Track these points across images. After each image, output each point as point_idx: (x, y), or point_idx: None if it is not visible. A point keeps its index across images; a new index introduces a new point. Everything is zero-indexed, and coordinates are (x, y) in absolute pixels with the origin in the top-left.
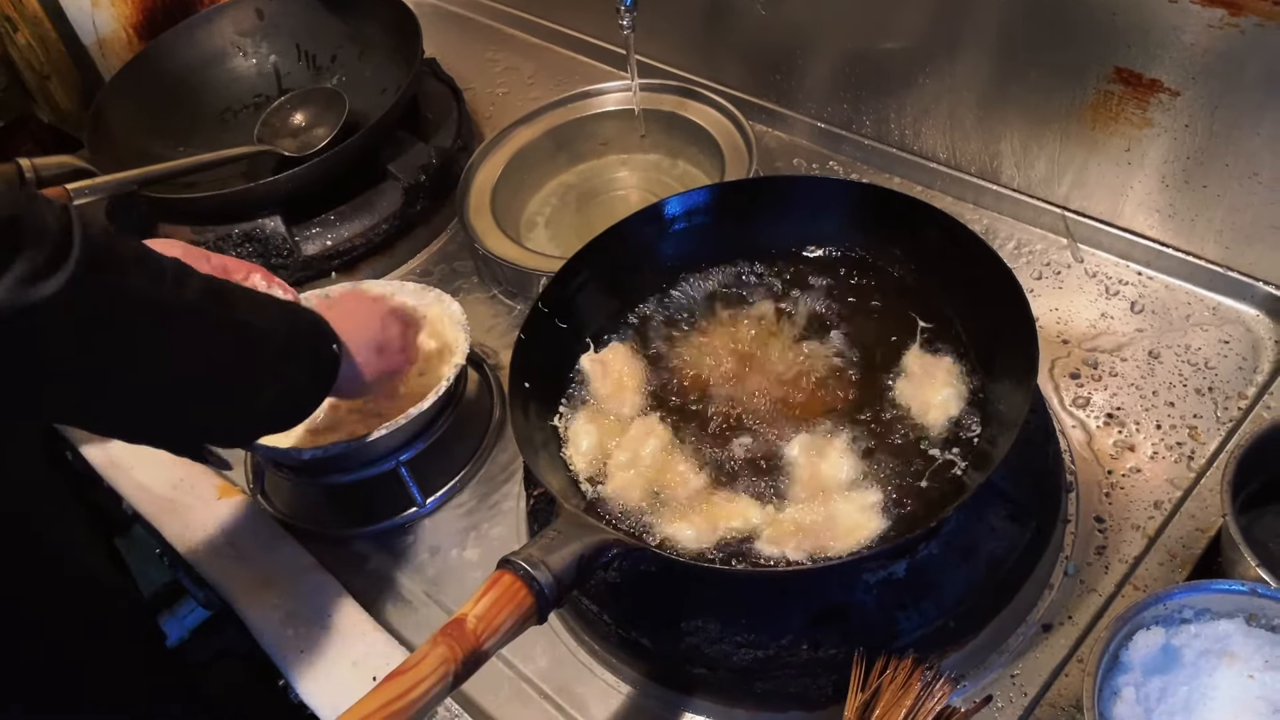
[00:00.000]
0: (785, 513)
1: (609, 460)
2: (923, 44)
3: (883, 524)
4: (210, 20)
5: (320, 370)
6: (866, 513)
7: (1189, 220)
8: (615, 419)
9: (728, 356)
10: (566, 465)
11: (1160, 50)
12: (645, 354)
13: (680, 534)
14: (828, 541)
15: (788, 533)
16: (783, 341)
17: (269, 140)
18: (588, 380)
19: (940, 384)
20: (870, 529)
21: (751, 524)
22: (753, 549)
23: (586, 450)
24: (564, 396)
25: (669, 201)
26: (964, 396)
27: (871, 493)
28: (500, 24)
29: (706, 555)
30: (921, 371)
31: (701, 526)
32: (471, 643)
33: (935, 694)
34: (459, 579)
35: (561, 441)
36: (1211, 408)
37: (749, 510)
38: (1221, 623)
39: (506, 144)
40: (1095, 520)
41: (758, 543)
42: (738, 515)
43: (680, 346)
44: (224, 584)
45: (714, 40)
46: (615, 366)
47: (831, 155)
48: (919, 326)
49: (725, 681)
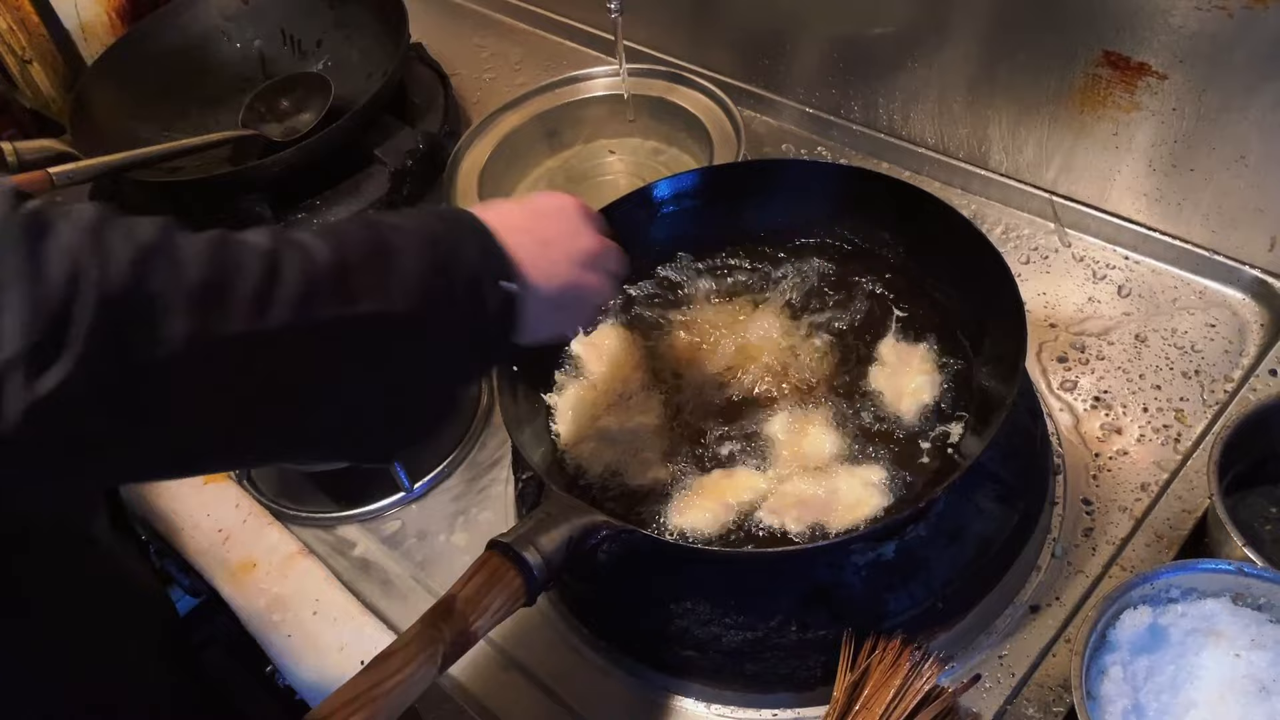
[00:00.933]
0: (788, 484)
1: (598, 438)
2: (911, 28)
3: (884, 500)
4: (194, 4)
5: (495, 320)
6: (869, 489)
7: (1176, 204)
8: (605, 397)
9: (715, 339)
10: (555, 447)
11: (1148, 33)
12: (632, 335)
13: (696, 518)
14: (828, 516)
15: (788, 504)
16: (770, 324)
17: (254, 125)
18: (580, 362)
19: (915, 370)
20: (872, 505)
21: (760, 489)
22: (752, 517)
23: (574, 429)
24: (553, 379)
25: (658, 185)
26: (940, 383)
27: (874, 470)
28: (487, 9)
29: (727, 534)
30: (897, 359)
31: (714, 508)
32: (460, 624)
33: (924, 674)
34: (447, 563)
35: (551, 424)
36: (1198, 390)
37: (754, 481)
38: (1208, 602)
39: (494, 129)
40: (1083, 502)
41: (758, 512)
42: (745, 488)
43: (668, 329)
44: (210, 570)
45: (702, 25)
46: (608, 347)
47: (820, 140)
48: (895, 315)
49: (715, 663)
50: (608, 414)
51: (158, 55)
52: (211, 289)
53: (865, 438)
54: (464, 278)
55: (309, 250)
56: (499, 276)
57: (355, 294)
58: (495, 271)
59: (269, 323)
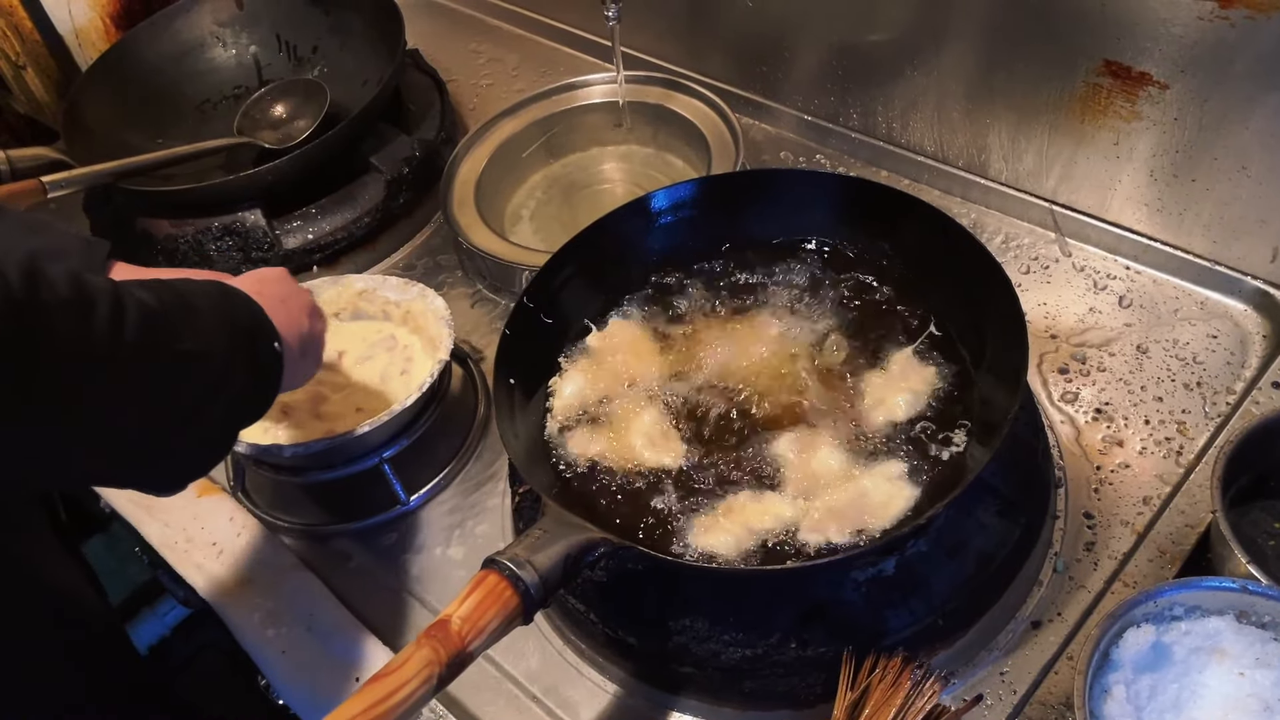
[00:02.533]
0: (816, 500)
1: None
2: (910, 36)
3: (915, 491)
4: (189, 10)
5: (265, 376)
6: (896, 483)
7: (1177, 214)
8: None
9: (711, 349)
10: (552, 461)
11: (1150, 43)
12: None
13: (717, 542)
14: (866, 518)
15: (824, 519)
16: (766, 334)
17: (249, 132)
18: (577, 374)
19: (915, 382)
20: (905, 497)
21: (784, 518)
22: (795, 540)
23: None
24: (550, 392)
25: (655, 195)
26: (937, 395)
27: (893, 464)
28: (484, 15)
29: (752, 558)
30: (897, 369)
31: (732, 529)
32: (456, 644)
33: (925, 693)
34: (443, 577)
35: (547, 438)
36: (1200, 403)
37: (778, 506)
38: (1212, 620)
39: (490, 136)
40: (1084, 516)
41: (799, 534)
42: (767, 513)
43: (664, 340)
44: (204, 584)
45: (700, 32)
46: (605, 359)
47: (818, 148)
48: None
49: (713, 680)
50: (605, 428)
51: (152, 61)
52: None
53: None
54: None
55: (140, 296)
56: (271, 338)
57: (179, 334)
58: (267, 333)
59: (125, 340)
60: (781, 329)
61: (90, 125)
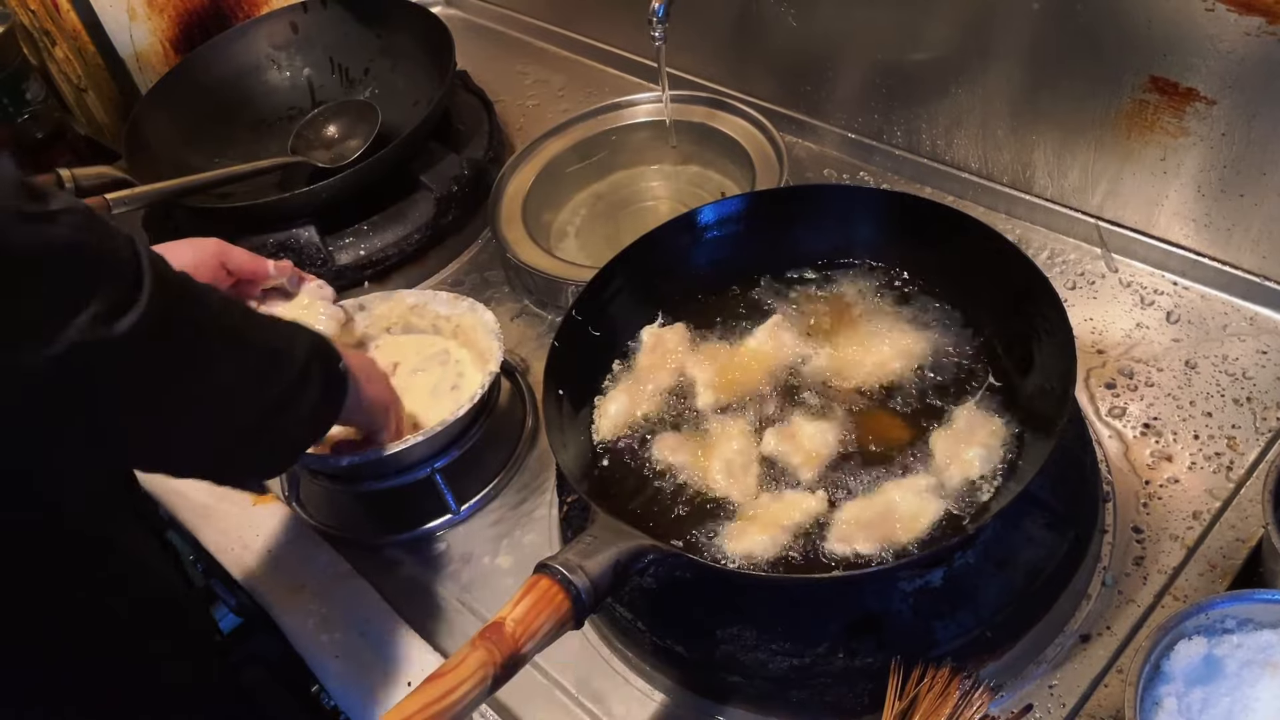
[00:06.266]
0: (843, 510)
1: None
2: (954, 54)
3: (941, 505)
4: (245, 34)
5: (334, 388)
6: (922, 496)
7: (1225, 230)
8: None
9: (756, 366)
10: (600, 469)
11: (1196, 59)
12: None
13: (750, 543)
14: (894, 531)
15: (853, 528)
16: (810, 349)
17: (303, 151)
18: (624, 385)
19: (984, 436)
20: (932, 511)
21: (812, 511)
22: (822, 548)
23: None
24: (596, 402)
25: (702, 210)
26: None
27: (920, 477)
28: (531, 37)
29: (788, 560)
30: (965, 426)
31: (770, 533)
32: (510, 646)
33: (974, 703)
34: (491, 586)
35: (596, 447)
36: (1250, 418)
37: (807, 503)
38: (1265, 633)
39: (537, 155)
40: (1133, 530)
41: (826, 543)
42: (798, 511)
43: (709, 355)
44: (260, 590)
45: (744, 52)
46: (652, 371)
47: (862, 166)
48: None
49: (760, 690)
50: (653, 439)
51: (209, 84)
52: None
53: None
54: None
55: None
56: (337, 359)
57: (266, 330)
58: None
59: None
60: (825, 341)
61: (151, 145)
